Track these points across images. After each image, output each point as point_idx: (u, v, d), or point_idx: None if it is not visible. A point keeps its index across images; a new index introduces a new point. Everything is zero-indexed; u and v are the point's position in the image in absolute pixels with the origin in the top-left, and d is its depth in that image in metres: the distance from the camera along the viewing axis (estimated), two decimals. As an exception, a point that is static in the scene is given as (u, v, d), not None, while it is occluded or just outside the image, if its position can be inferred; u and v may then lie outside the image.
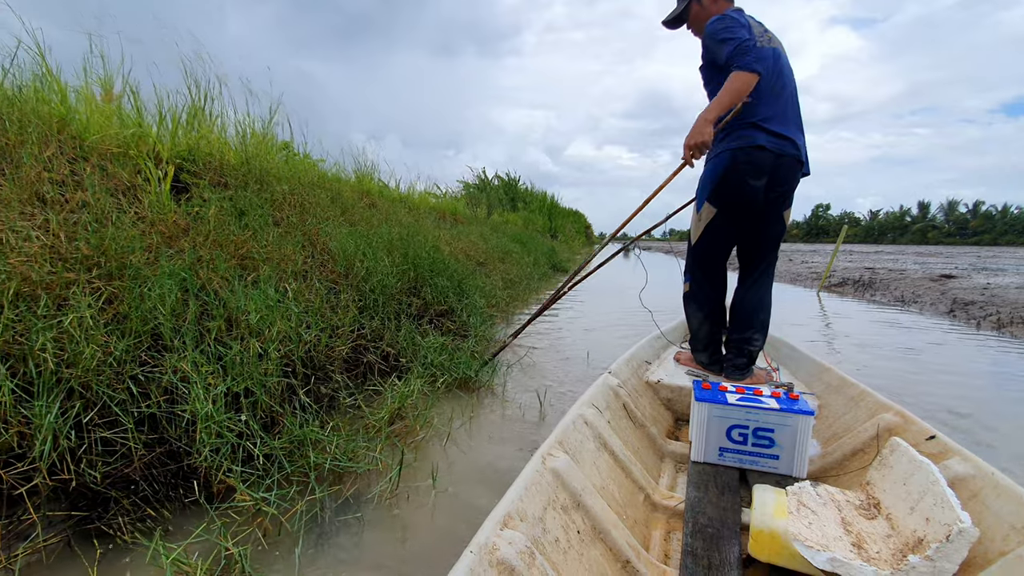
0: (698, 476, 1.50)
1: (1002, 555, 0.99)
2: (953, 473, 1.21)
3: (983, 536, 1.05)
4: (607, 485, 1.33)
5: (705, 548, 1.17)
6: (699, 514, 1.30)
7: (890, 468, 1.29)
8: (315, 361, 2.10)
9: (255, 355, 1.71)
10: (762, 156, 1.92)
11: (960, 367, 3.58)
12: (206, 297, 1.96)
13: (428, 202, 7.87)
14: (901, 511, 1.17)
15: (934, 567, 0.98)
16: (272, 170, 3.54)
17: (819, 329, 5.03)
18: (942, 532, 1.01)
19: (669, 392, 2.08)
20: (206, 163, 3.12)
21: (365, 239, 3.30)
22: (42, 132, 2.36)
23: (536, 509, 1.02)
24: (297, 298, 2.33)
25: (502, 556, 0.86)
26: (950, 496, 1.06)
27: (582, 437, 1.38)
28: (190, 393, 1.48)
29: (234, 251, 2.43)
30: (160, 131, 3.05)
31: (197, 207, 2.55)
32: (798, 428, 1.49)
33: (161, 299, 1.74)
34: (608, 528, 1.14)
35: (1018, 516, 1.03)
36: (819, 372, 2.20)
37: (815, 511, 1.20)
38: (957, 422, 2.41)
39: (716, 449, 1.57)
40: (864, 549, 1.10)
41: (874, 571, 1.00)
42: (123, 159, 2.55)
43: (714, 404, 1.54)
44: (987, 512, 1.10)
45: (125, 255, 1.85)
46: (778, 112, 1.95)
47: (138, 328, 1.63)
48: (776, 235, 2.12)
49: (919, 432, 1.44)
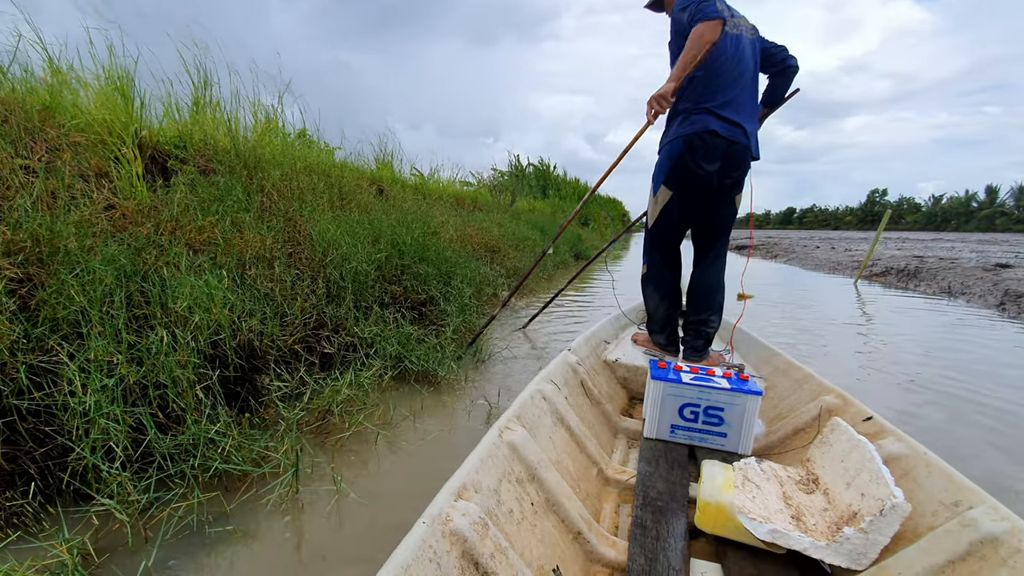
0: (650, 452, 1.56)
1: (931, 529, 1.04)
2: (888, 452, 1.27)
3: (914, 511, 1.09)
4: (562, 459, 1.35)
5: (654, 520, 1.21)
6: (649, 488, 1.35)
7: (829, 446, 1.35)
8: (257, 351, 2.00)
9: (168, 345, 1.60)
10: (716, 142, 1.98)
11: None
12: (144, 284, 1.88)
13: (447, 189, 7.75)
14: (838, 486, 1.23)
15: (867, 539, 1.03)
16: (268, 156, 3.49)
17: (859, 327, 4.44)
18: (876, 506, 1.06)
19: (625, 371, 2.15)
20: (197, 149, 3.10)
21: (346, 225, 3.21)
22: (21, 120, 2.38)
23: (491, 481, 1.04)
24: (255, 285, 2.26)
25: (455, 527, 0.86)
26: (885, 473, 1.11)
27: (539, 412, 1.40)
28: (76, 383, 1.38)
29: (195, 236, 2.37)
30: (146, 118, 3.07)
31: (166, 193, 2.53)
32: (746, 407, 1.56)
33: (85, 285, 1.67)
34: (562, 500, 1.16)
35: (947, 493, 1.08)
36: (768, 356, 2.31)
37: (759, 485, 1.25)
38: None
39: (668, 426, 1.63)
40: (802, 521, 1.15)
41: (811, 541, 1.05)
42: (100, 146, 2.57)
43: (669, 383, 1.59)
44: (918, 489, 1.15)
45: (58, 240, 1.79)
46: (733, 98, 2.00)
47: (58, 315, 1.56)
48: (728, 218, 2.20)
49: (857, 413, 1.51)
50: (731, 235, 2.25)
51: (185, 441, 1.41)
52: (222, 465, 1.40)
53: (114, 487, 1.24)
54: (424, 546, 0.79)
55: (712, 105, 1.96)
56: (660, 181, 2.12)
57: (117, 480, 1.26)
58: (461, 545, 0.86)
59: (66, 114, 2.57)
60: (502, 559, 0.90)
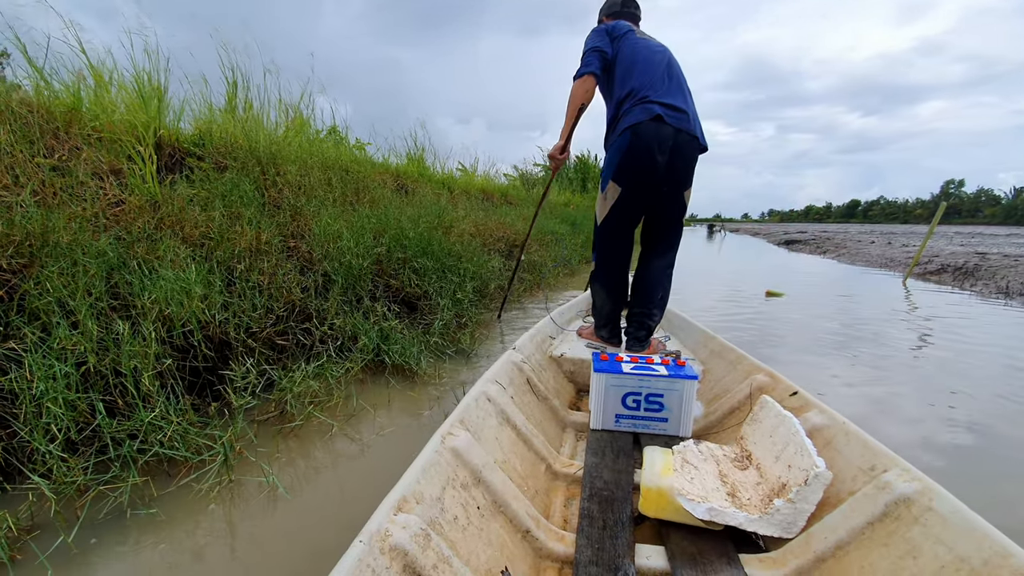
0: (596, 443, 1.58)
1: (851, 494, 1.10)
2: (811, 424, 1.35)
3: (836, 478, 1.18)
4: (509, 459, 1.35)
5: (600, 510, 1.23)
6: (596, 478, 1.37)
7: (760, 423, 1.41)
8: (230, 343, 2.04)
9: (127, 335, 1.65)
10: (663, 130, 1.95)
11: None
12: (129, 276, 1.94)
13: (475, 184, 7.82)
14: (768, 460, 1.30)
15: (795, 508, 1.10)
16: (285, 153, 3.61)
17: (889, 325, 4.12)
18: (801, 477, 1.14)
19: (571, 365, 2.17)
20: (216, 147, 3.24)
21: (351, 220, 3.26)
22: (46, 122, 2.56)
23: (434, 490, 1.02)
24: (244, 277, 2.32)
25: (395, 542, 0.84)
26: (808, 445, 1.19)
27: (484, 414, 1.39)
28: (25, 369, 1.43)
29: (191, 231, 2.44)
30: (165, 118, 3.25)
31: (172, 190, 2.66)
32: (684, 392, 1.61)
33: (67, 276, 1.75)
34: (508, 500, 1.16)
35: (864, 459, 1.16)
36: (705, 340, 2.38)
37: (697, 466, 1.30)
38: None
39: (613, 416, 1.66)
40: (737, 497, 1.22)
41: (745, 516, 1.11)
42: (116, 145, 2.72)
43: (611, 374, 1.63)
44: (839, 457, 1.23)
45: (50, 235, 1.88)
46: (668, 88, 2.01)
47: (36, 305, 1.65)
48: (677, 214, 2.18)
49: (785, 389, 1.59)
50: (783, 229, 2.19)
51: (132, 427, 1.45)
52: (161, 450, 1.42)
53: (54, 466, 1.28)
54: (362, 565, 0.78)
55: (651, 94, 1.97)
56: (609, 176, 2.10)
57: (53, 461, 1.30)
58: (402, 559, 0.84)
59: (89, 115, 2.73)
60: (446, 568, 0.89)
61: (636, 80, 2.00)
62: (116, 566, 1.15)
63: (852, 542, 1.03)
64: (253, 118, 4.04)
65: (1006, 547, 0.84)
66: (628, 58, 2.05)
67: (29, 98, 2.69)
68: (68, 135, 2.63)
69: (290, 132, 4.37)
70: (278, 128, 4.27)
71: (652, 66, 2.02)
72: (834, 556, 1.03)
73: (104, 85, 3.06)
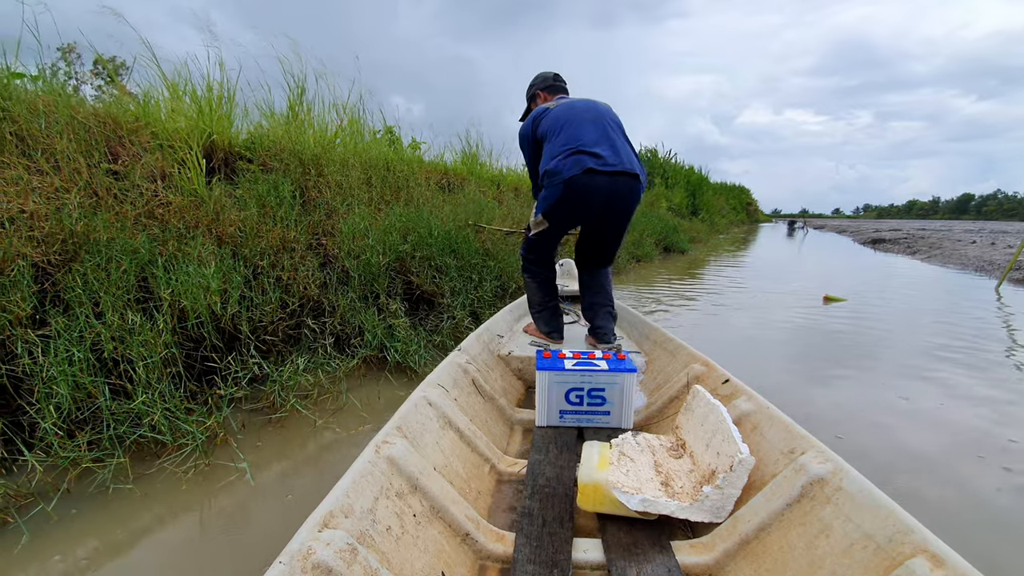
0: (541, 439, 1.61)
1: (773, 476, 1.15)
2: (740, 411, 1.41)
3: (760, 462, 1.23)
4: (450, 463, 1.35)
5: (541, 507, 1.25)
6: (539, 475, 1.39)
7: (693, 412, 1.45)
8: (238, 335, 2.19)
9: (141, 325, 1.81)
10: (595, 180, 2.03)
11: None
12: (155, 271, 2.11)
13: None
14: (700, 448, 1.34)
15: (722, 494, 1.15)
16: (329, 154, 3.81)
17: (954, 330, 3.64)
18: (727, 463, 1.18)
19: (519, 363, 2.20)
20: (267, 151, 3.49)
21: (374, 218, 3.41)
22: (113, 131, 2.87)
23: (365, 501, 1.00)
24: (267, 273, 2.48)
25: (318, 559, 0.82)
26: (733, 432, 1.23)
27: (423, 419, 1.38)
28: (37, 354, 1.60)
29: (223, 229, 2.63)
30: (231, 126, 3.55)
31: (213, 191, 2.87)
32: (624, 385, 1.66)
33: (97, 273, 1.95)
34: (447, 505, 1.15)
35: (786, 442, 1.21)
36: (648, 332, 2.46)
37: (633, 458, 1.32)
38: None
39: (557, 412, 1.69)
40: (671, 486, 1.25)
41: (676, 504, 1.15)
42: (170, 151, 3.01)
43: (553, 371, 1.66)
44: (764, 441, 1.28)
45: (92, 233, 2.10)
46: (595, 138, 2.09)
47: (68, 297, 1.86)
48: (620, 236, 2.33)
49: (718, 377, 1.64)
50: (875, 226, 2.09)
51: (129, 409, 1.60)
52: (146, 432, 1.57)
53: (52, 441, 1.44)
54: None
55: (582, 147, 2.04)
56: (540, 210, 2.20)
57: (53, 438, 1.46)
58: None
59: (152, 124, 3.02)
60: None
61: (567, 135, 2.10)
62: (88, 532, 1.30)
63: (773, 523, 1.06)
64: (303, 121, 4.32)
65: (908, 524, 0.87)
66: (558, 120, 2.17)
67: (97, 109, 3.03)
68: (132, 142, 2.92)
69: (338, 134, 4.62)
70: (327, 130, 4.53)
71: (581, 122, 2.13)
72: (757, 538, 1.07)
73: (179, 96, 3.39)
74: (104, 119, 2.89)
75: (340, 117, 4.80)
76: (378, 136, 5.58)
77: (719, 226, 17.62)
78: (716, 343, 3.44)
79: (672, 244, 9.61)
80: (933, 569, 0.79)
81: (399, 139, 6.16)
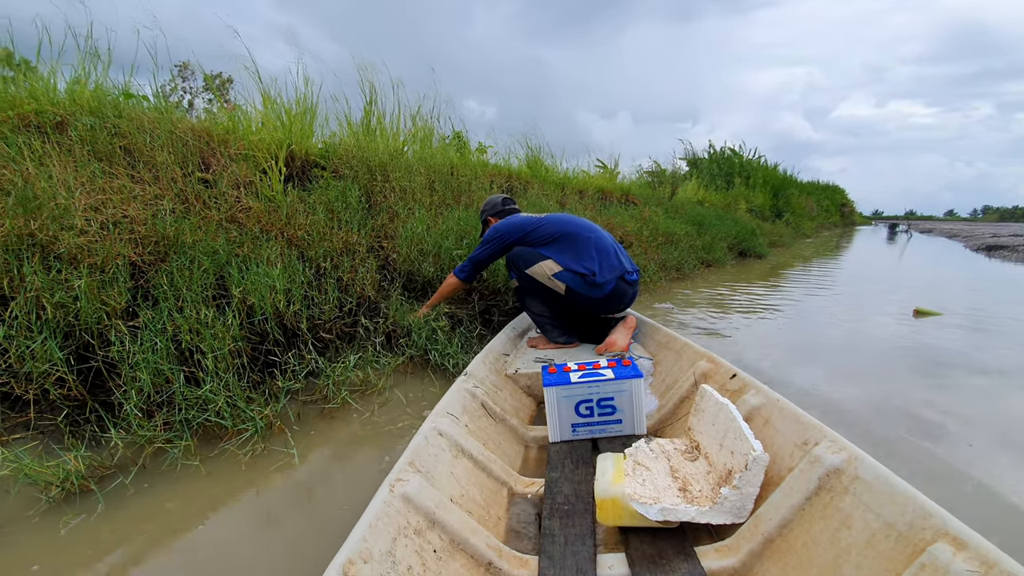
0: (556, 456, 1.60)
1: (789, 471, 1.14)
2: (750, 406, 1.41)
3: (775, 456, 1.22)
4: (467, 491, 1.33)
5: (561, 526, 1.23)
6: (556, 493, 1.38)
7: (703, 412, 1.43)
8: (298, 332, 2.34)
9: (212, 320, 1.99)
10: (594, 289, 2.32)
11: None
12: (230, 271, 2.32)
13: (592, 182, 7.82)
14: (714, 449, 1.32)
15: (741, 494, 1.14)
16: (396, 161, 4.02)
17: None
18: (742, 462, 1.16)
19: (527, 380, 2.18)
20: (339, 158, 3.74)
21: (433, 222, 3.56)
22: (206, 144, 3.19)
23: (384, 543, 0.98)
24: (330, 274, 2.68)
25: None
26: (745, 429, 1.21)
27: (436, 450, 1.35)
28: (126, 343, 1.81)
29: (294, 232, 2.84)
30: (312, 136, 3.86)
31: (285, 198, 3.11)
32: (632, 391, 1.65)
33: (182, 271, 2.17)
34: (467, 536, 1.12)
35: (798, 435, 1.20)
36: (652, 333, 2.45)
37: (648, 467, 1.32)
38: None
39: (569, 426, 1.69)
40: (689, 491, 1.24)
41: (696, 509, 1.14)
42: (253, 160, 3.29)
43: (560, 386, 1.67)
44: (777, 434, 1.28)
45: (182, 236, 2.36)
46: (603, 252, 2.39)
47: (156, 293, 2.09)
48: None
49: (725, 373, 1.64)
50: (994, 230, 2.01)
51: (201, 396, 1.78)
52: (213, 417, 1.75)
53: (132, 420, 1.64)
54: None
55: (581, 268, 2.33)
56: (566, 278, 2.35)
57: (134, 418, 1.65)
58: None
59: (241, 136, 3.32)
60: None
61: (576, 251, 2.38)
62: (157, 504, 1.48)
63: (795, 519, 1.06)
64: (375, 130, 4.56)
65: (927, 508, 0.86)
66: (571, 224, 2.48)
67: (194, 124, 3.37)
68: (222, 154, 3.23)
69: (407, 140, 4.83)
70: (397, 137, 4.75)
71: (589, 242, 2.40)
72: (780, 535, 1.06)
73: (272, 108, 3.71)
74: (199, 133, 3.21)
75: (412, 125, 5.02)
76: (447, 142, 5.76)
77: (806, 229, 16.41)
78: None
79: (749, 248, 9.12)
80: (956, 552, 0.79)
81: (467, 143, 6.33)
